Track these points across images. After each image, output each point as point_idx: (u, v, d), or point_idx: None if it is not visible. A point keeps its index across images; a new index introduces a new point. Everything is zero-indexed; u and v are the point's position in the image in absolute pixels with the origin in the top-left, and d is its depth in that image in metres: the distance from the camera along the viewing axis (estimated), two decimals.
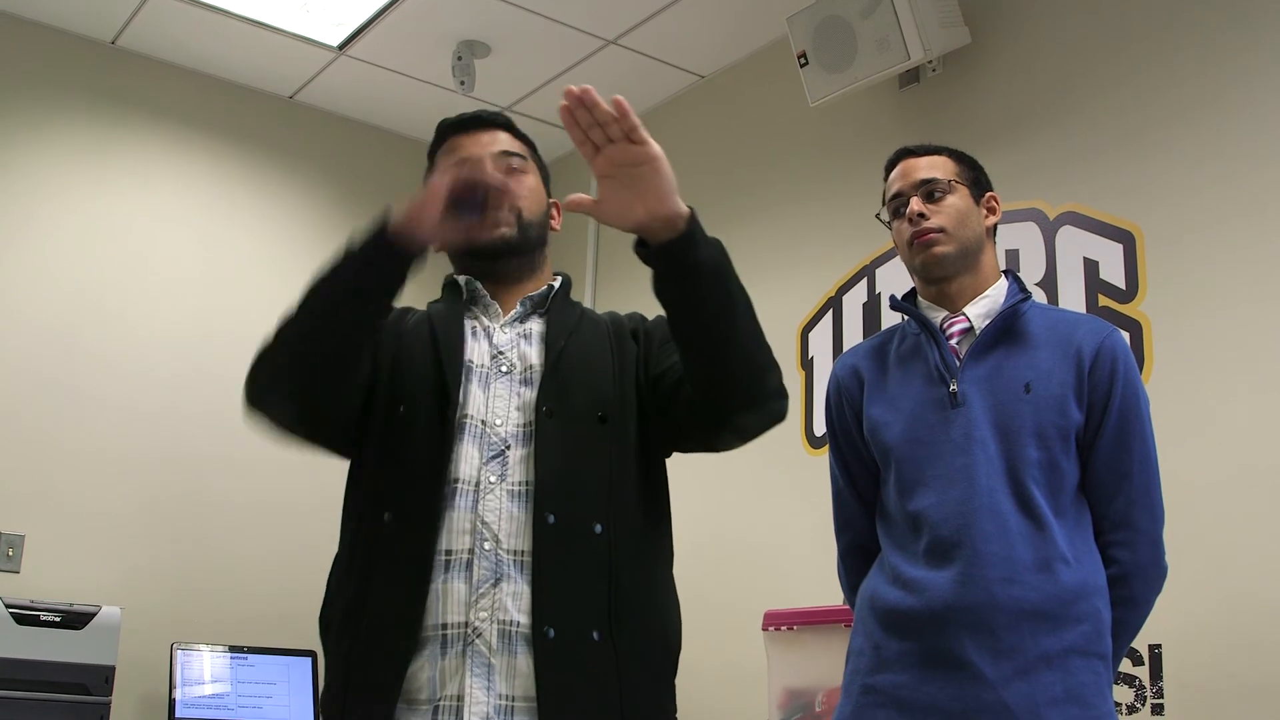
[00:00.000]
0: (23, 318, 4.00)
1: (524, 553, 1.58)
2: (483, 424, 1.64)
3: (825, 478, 2.26)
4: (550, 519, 1.58)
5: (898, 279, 3.24)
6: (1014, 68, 3.42)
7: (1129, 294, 3.00)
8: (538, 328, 1.75)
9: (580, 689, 1.54)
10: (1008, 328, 2.06)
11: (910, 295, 2.20)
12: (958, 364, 2.05)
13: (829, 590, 2.35)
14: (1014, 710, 1.84)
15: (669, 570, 1.73)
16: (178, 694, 3.74)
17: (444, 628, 1.56)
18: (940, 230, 2.08)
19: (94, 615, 3.59)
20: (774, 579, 3.66)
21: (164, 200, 4.34)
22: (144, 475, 4.10)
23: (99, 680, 3.51)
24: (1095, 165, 3.15)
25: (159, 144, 4.38)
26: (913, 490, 2.01)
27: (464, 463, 1.62)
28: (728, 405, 1.61)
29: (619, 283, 4.55)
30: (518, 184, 1.77)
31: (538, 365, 1.69)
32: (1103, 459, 1.99)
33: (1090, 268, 3.09)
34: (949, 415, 2.01)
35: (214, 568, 4.13)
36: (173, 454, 4.15)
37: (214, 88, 4.55)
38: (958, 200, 2.11)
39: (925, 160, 2.15)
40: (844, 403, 2.19)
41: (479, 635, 1.54)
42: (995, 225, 2.17)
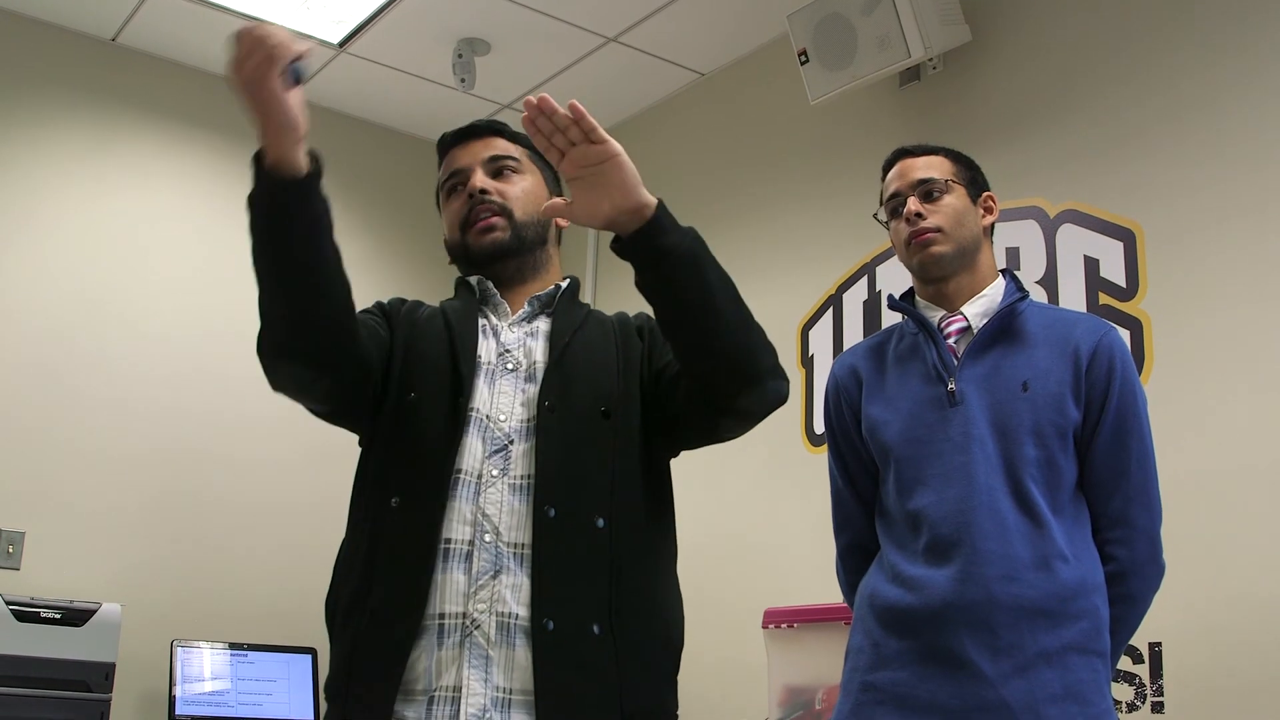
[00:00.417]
0: (23, 315, 4.00)
1: (524, 545, 1.58)
2: (487, 418, 1.65)
3: (826, 476, 2.26)
4: (550, 512, 1.58)
5: (898, 277, 3.24)
6: (1014, 66, 3.42)
7: (1129, 292, 3.00)
8: (544, 327, 1.76)
9: (579, 683, 1.54)
10: (1005, 327, 2.06)
11: (908, 295, 2.20)
12: (955, 363, 2.05)
13: (829, 588, 2.35)
14: (1013, 708, 1.84)
15: (672, 566, 1.73)
16: (178, 691, 3.74)
17: (442, 617, 1.56)
18: (937, 230, 2.09)
19: (94, 612, 3.59)
20: (774, 577, 3.66)
21: (165, 198, 4.34)
22: (144, 473, 4.10)
23: (99, 677, 3.51)
24: (1096, 163, 3.15)
25: (159, 141, 4.38)
26: (912, 489, 2.02)
27: (468, 455, 1.63)
28: (722, 389, 1.61)
29: (620, 282, 4.55)
30: (508, 186, 1.80)
31: (542, 362, 1.70)
32: (1100, 457, 1.99)
33: (1090, 266, 3.09)
34: (947, 414, 2.01)
35: (214, 565, 4.13)
36: (173, 451, 4.15)
37: (215, 85, 4.53)
38: (955, 200, 2.12)
39: (922, 160, 2.15)
40: (842, 402, 2.20)
41: (477, 627, 1.54)
42: (992, 225, 2.18)
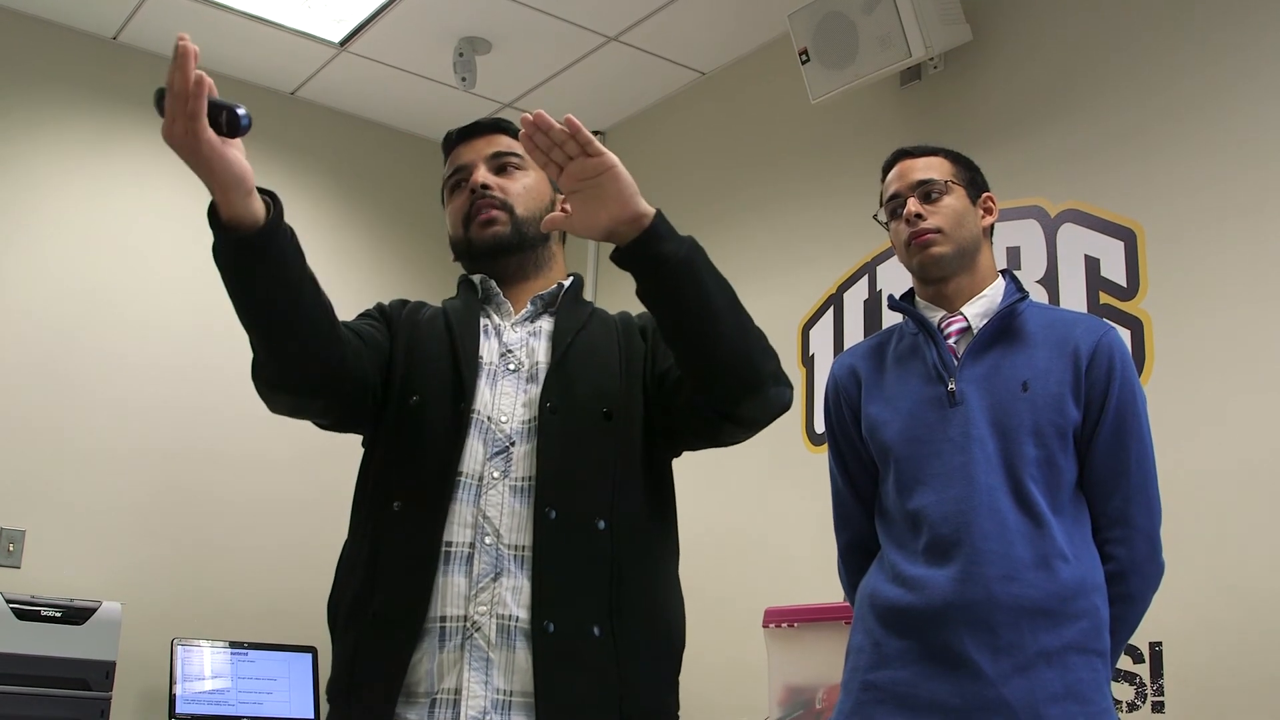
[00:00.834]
0: (23, 313, 4.00)
1: (524, 548, 1.58)
2: (489, 420, 1.65)
3: (826, 475, 2.26)
4: (551, 514, 1.58)
5: (899, 276, 3.24)
6: (1015, 65, 3.42)
7: (1130, 291, 3.00)
8: (547, 326, 1.75)
9: (579, 684, 1.54)
10: (1005, 327, 2.06)
11: (908, 295, 2.20)
12: (955, 363, 2.05)
13: (829, 587, 2.35)
14: (1014, 707, 1.84)
15: (674, 567, 1.73)
16: (178, 689, 3.74)
17: (443, 620, 1.56)
18: (937, 231, 2.09)
19: (94, 611, 3.59)
20: (775, 576, 3.66)
21: (165, 196, 4.34)
22: (145, 471, 4.10)
23: (99, 676, 3.51)
24: (1096, 163, 3.15)
25: (160, 140, 4.27)
26: (912, 489, 2.02)
27: (469, 457, 1.62)
28: (725, 397, 1.61)
29: (621, 281, 4.53)
30: (511, 183, 1.81)
31: (544, 362, 1.70)
32: (1100, 457, 1.99)
33: (1091, 265, 3.09)
34: (947, 414, 2.01)
35: (214, 564, 4.13)
36: (173, 450, 4.15)
37: (215, 83, 4.53)
38: (954, 201, 2.12)
39: (922, 161, 2.15)
40: (842, 402, 2.20)
41: (478, 629, 1.55)
42: (992, 225, 2.18)
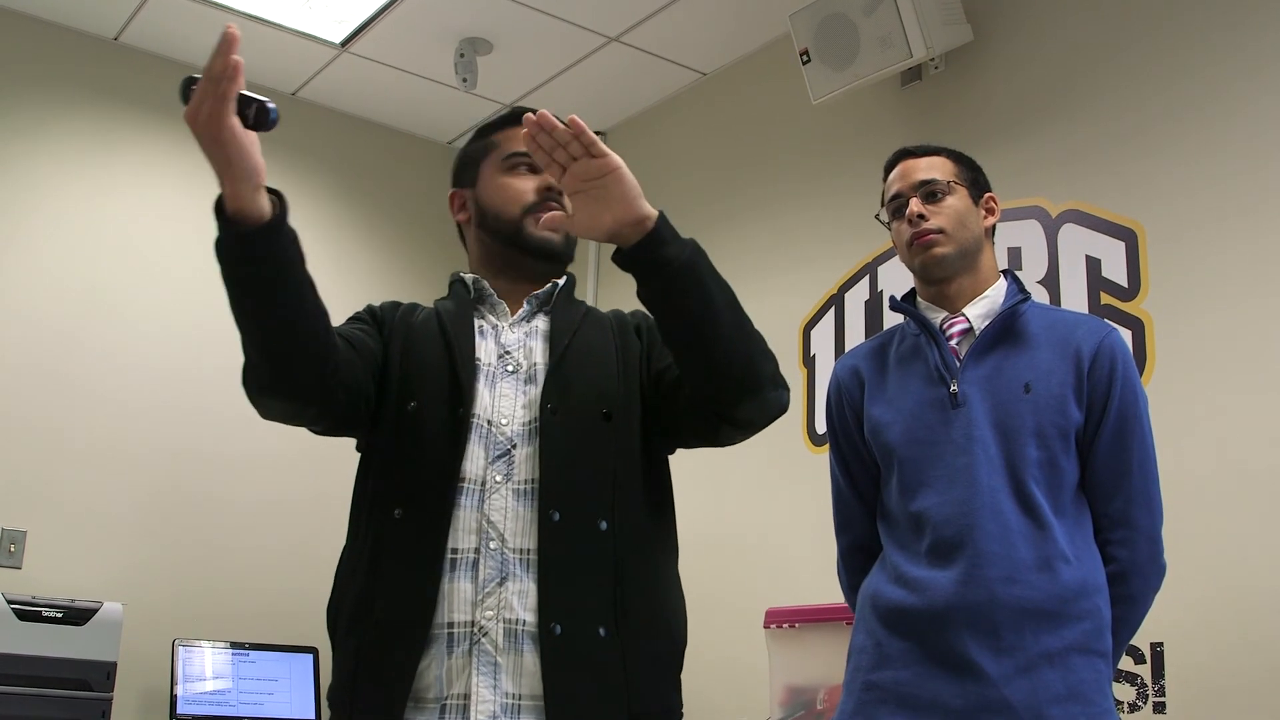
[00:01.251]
0: (24, 314, 4.00)
1: (529, 551, 1.58)
2: (489, 423, 1.65)
3: (827, 475, 2.26)
4: (555, 516, 1.59)
5: (900, 277, 3.24)
6: (1016, 65, 3.42)
7: (1131, 292, 3.00)
8: (543, 325, 1.76)
9: (587, 685, 1.55)
10: (1007, 328, 2.06)
11: (910, 296, 2.20)
12: (958, 364, 2.05)
13: (830, 588, 2.35)
14: (1016, 708, 1.84)
15: (674, 565, 1.74)
16: (179, 690, 3.74)
17: (450, 626, 1.56)
18: (940, 231, 2.08)
19: (96, 611, 3.59)
20: (775, 576, 3.66)
21: (166, 197, 4.34)
22: (146, 471, 4.10)
23: (100, 676, 3.51)
24: (1097, 163, 3.15)
25: (161, 140, 4.37)
26: (914, 490, 2.01)
27: (470, 462, 1.62)
28: (723, 399, 1.62)
29: (621, 282, 4.54)
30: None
31: (542, 363, 1.70)
32: (1102, 458, 1.99)
33: (1092, 265, 3.09)
34: (949, 415, 2.01)
35: (216, 564, 4.13)
36: (175, 450, 4.15)
37: None
38: (957, 201, 2.11)
39: (924, 161, 2.15)
40: (844, 403, 2.19)
41: (485, 634, 1.55)
42: (994, 226, 2.17)
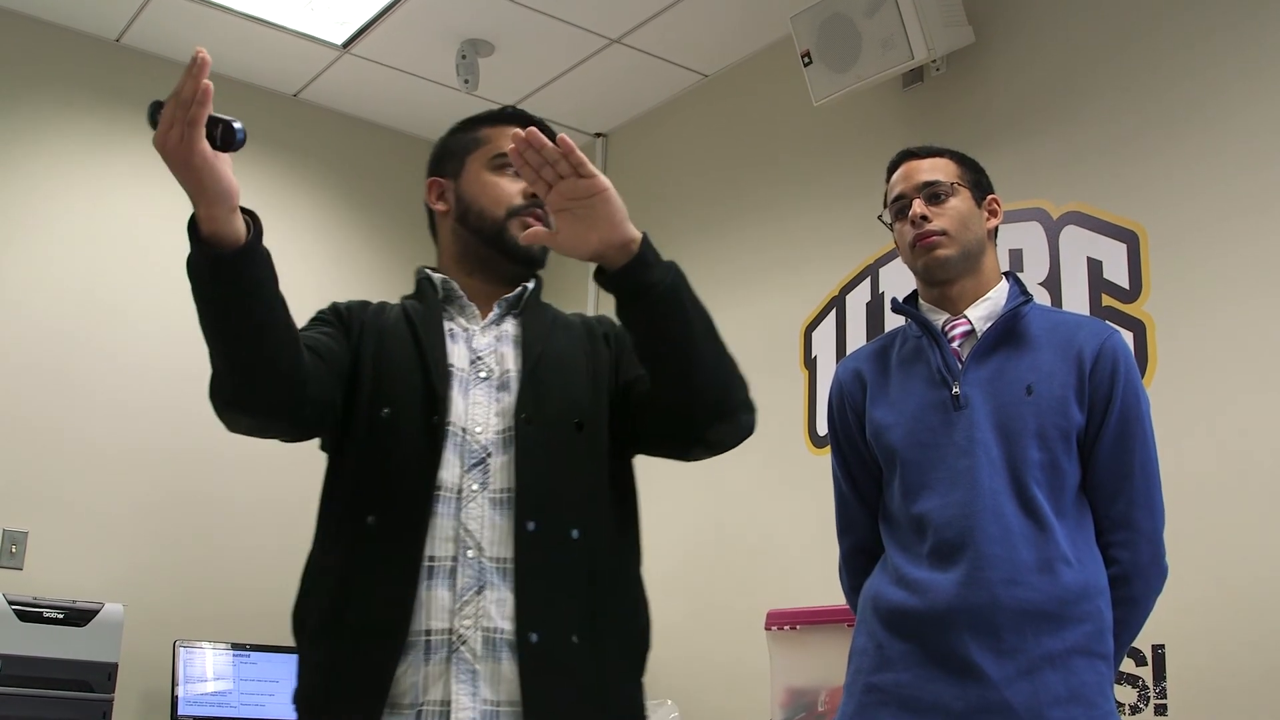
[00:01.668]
0: (26, 315, 4.01)
1: (506, 560, 1.60)
2: (463, 431, 1.66)
3: (828, 477, 2.26)
4: (530, 526, 1.60)
5: (901, 279, 3.24)
6: (1017, 67, 3.42)
7: (1132, 294, 3.00)
8: (512, 329, 1.76)
9: (564, 692, 1.57)
10: (1009, 330, 2.06)
11: (911, 297, 2.20)
12: (960, 366, 2.05)
13: (831, 590, 2.35)
14: (1017, 710, 1.84)
15: (639, 570, 1.76)
16: (180, 691, 3.74)
17: (428, 634, 1.57)
18: (943, 233, 2.08)
19: (97, 612, 3.59)
20: (777, 578, 3.66)
21: (167, 198, 4.28)
22: (147, 472, 4.10)
23: (101, 677, 3.51)
24: (1099, 165, 3.15)
25: None
26: (916, 493, 2.01)
27: (446, 470, 1.63)
28: (697, 421, 1.65)
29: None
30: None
31: (515, 370, 1.71)
32: (1104, 460, 1.99)
33: (1094, 267, 3.09)
34: (951, 418, 2.01)
35: (217, 565, 4.13)
36: (176, 451, 4.15)
37: (218, 86, 4.42)
38: (960, 203, 2.11)
39: (928, 162, 2.14)
40: (846, 405, 2.19)
41: (464, 642, 1.56)
42: (996, 228, 2.17)
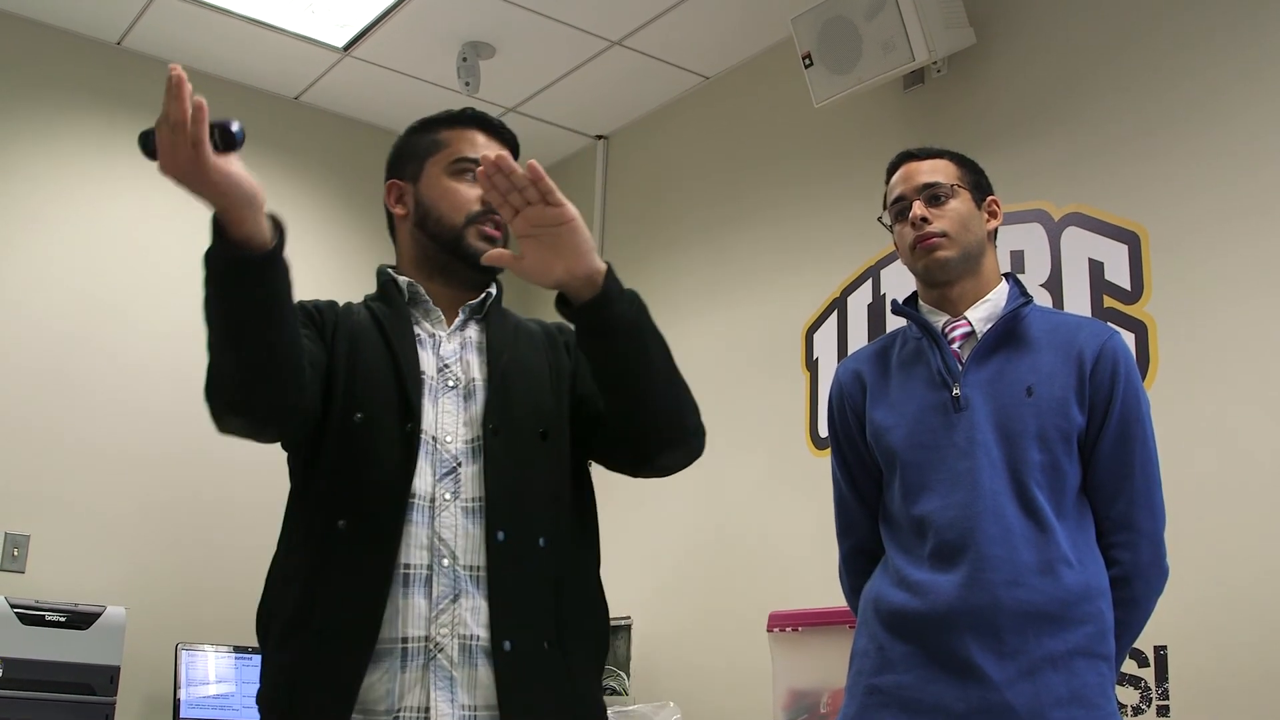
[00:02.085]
0: (28, 318, 4.01)
1: (479, 568, 1.62)
2: (434, 440, 1.66)
3: (829, 478, 2.26)
4: (500, 536, 1.63)
5: (902, 280, 3.24)
6: (1018, 69, 3.42)
7: (1134, 295, 3.00)
8: (476, 336, 1.77)
9: (539, 696, 1.61)
10: (1009, 331, 2.06)
11: (911, 299, 2.20)
12: (960, 368, 2.05)
13: (833, 591, 2.34)
14: (1019, 711, 1.84)
15: (599, 573, 1.78)
16: (182, 694, 3.74)
17: (404, 641, 1.58)
18: (943, 234, 2.08)
19: (99, 615, 3.59)
20: (778, 580, 3.65)
21: (169, 200, 4.28)
22: (149, 475, 4.10)
23: (104, 680, 3.51)
24: (1100, 166, 3.15)
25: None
26: (917, 494, 2.01)
27: (419, 478, 1.64)
28: (647, 447, 1.71)
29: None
30: None
31: (480, 378, 1.72)
32: (1104, 461, 1.99)
33: (1095, 269, 3.08)
34: (952, 419, 2.01)
35: (219, 568, 4.12)
36: (177, 454, 4.15)
37: (219, 89, 4.55)
38: (960, 204, 2.11)
39: (927, 164, 2.14)
40: (846, 407, 2.19)
41: (440, 650, 1.58)
42: (996, 229, 2.17)
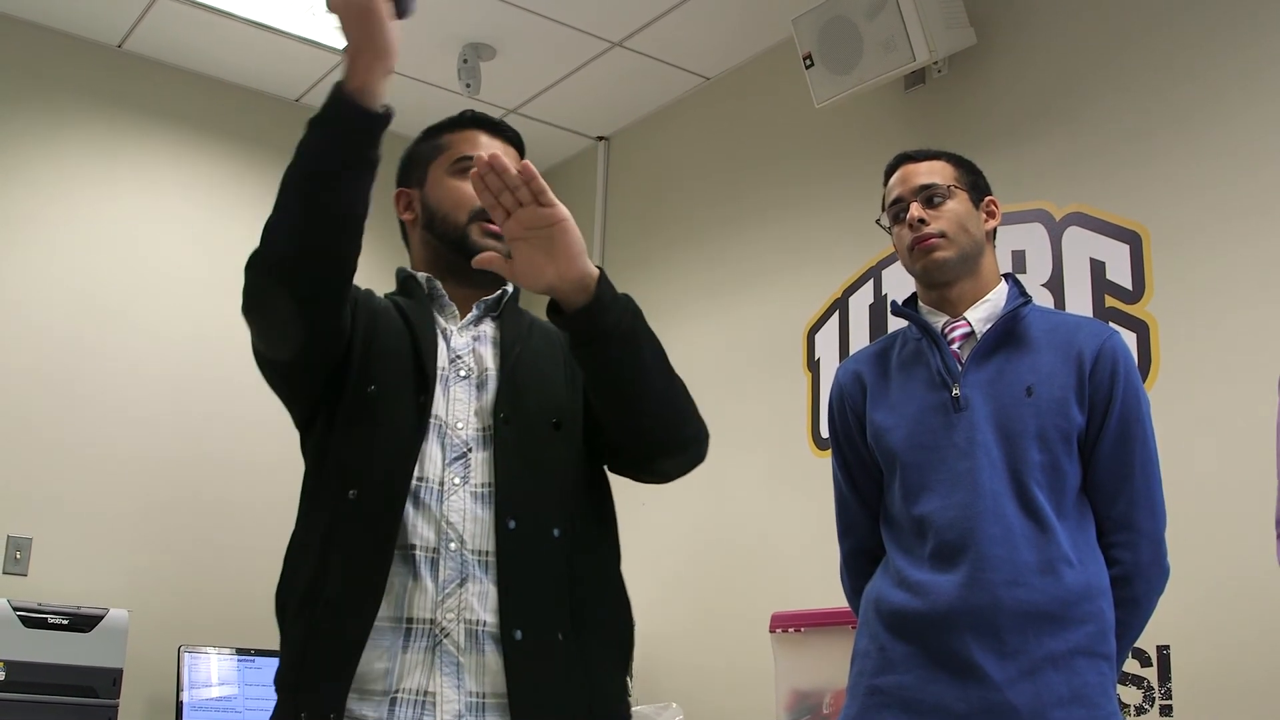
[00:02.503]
0: (29, 321, 4.01)
1: (488, 554, 1.60)
2: (445, 425, 1.67)
3: (830, 479, 2.26)
4: (511, 524, 1.61)
5: (903, 281, 3.23)
6: (1019, 69, 3.41)
7: (1136, 295, 2.99)
8: (490, 331, 1.77)
9: (551, 686, 1.58)
10: (1009, 331, 2.06)
11: (911, 300, 2.20)
12: (960, 368, 2.05)
13: (835, 592, 2.35)
14: (1020, 711, 1.84)
15: (619, 569, 1.77)
16: (185, 696, 3.74)
17: (409, 622, 1.57)
18: (941, 235, 2.09)
19: (101, 618, 3.59)
20: (780, 581, 3.65)
21: (170, 203, 4.35)
22: (151, 477, 4.10)
23: (106, 683, 3.51)
24: (1101, 166, 3.15)
25: (165, 147, 4.39)
26: (917, 495, 2.02)
27: (428, 460, 1.63)
28: (645, 455, 1.71)
29: (618, 279, 4.54)
30: None
31: (493, 370, 1.72)
32: (1104, 461, 1.99)
33: (1097, 268, 3.08)
34: (952, 420, 2.01)
35: (221, 570, 4.13)
36: (179, 456, 4.16)
37: (220, 91, 4.56)
38: (957, 205, 2.11)
39: (925, 165, 2.15)
40: (846, 408, 2.20)
41: (446, 634, 1.56)
42: (995, 229, 2.18)
